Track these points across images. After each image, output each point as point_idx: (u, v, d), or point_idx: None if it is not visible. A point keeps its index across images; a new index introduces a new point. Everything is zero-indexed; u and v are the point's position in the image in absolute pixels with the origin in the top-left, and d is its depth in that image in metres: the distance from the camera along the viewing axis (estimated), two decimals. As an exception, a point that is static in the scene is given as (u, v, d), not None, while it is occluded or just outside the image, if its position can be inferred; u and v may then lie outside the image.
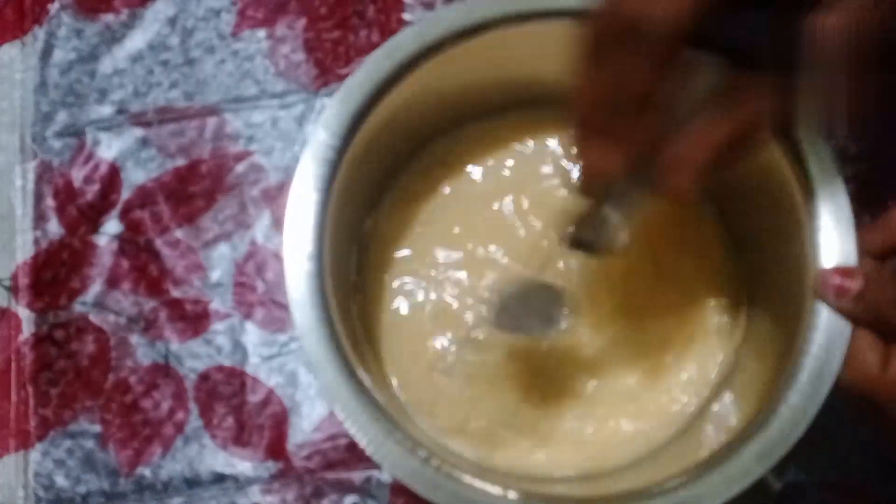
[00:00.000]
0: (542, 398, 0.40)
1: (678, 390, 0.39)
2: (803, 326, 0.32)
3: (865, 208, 0.33)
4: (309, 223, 0.34)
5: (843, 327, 0.31)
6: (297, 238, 0.34)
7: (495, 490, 0.31)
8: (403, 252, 0.42)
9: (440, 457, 0.32)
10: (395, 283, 0.41)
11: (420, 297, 0.41)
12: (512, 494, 0.31)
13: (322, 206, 0.34)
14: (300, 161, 0.35)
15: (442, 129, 0.42)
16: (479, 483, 0.31)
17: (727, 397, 0.37)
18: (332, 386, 0.32)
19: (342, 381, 0.32)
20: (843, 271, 0.32)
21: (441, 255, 0.41)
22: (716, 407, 0.38)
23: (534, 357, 0.40)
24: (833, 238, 0.32)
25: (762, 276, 0.39)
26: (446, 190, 0.42)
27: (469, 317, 0.40)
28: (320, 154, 0.35)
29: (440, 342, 0.40)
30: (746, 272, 0.40)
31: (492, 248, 0.41)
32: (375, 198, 0.42)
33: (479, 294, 0.40)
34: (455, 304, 0.41)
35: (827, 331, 0.31)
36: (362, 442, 0.32)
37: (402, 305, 0.41)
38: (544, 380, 0.40)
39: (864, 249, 0.32)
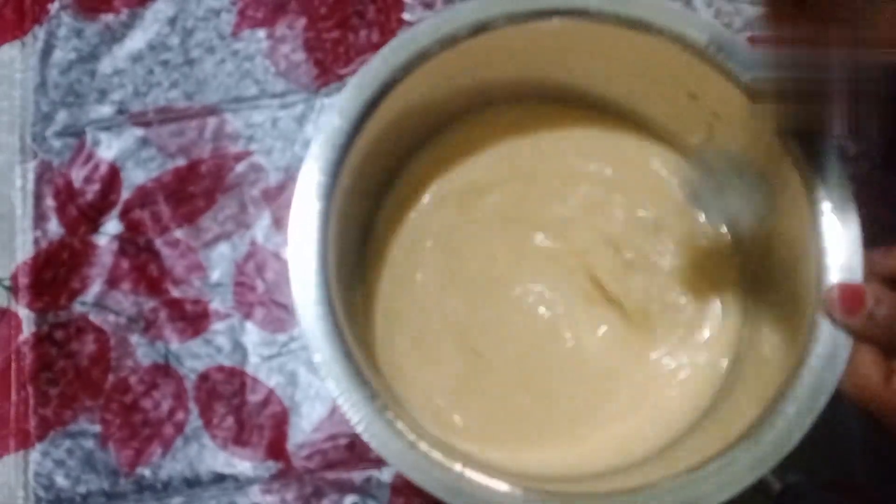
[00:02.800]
0: (538, 398, 0.40)
1: (677, 394, 0.39)
2: (805, 338, 0.32)
3: (865, 209, 0.33)
4: (315, 207, 0.34)
5: (845, 341, 0.31)
6: (302, 220, 0.34)
7: (484, 479, 0.32)
8: (407, 242, 0.42)
9: (429, 442, 0.32)
10: (398, 272, 0.41)
11: (420, 287, 0.41)
12: (503, 487, 0.32)
13: (329, 190, 0.35)
14: (311, 145, 0.35)
15: (452, 118, 0.42)
16: (468, 472, 0.32)
17: (726, 405, 0.37)
18: (328, 362, 0.33)
19: (338, 358, 0.33)
20: (853, 289, 0.32)
21: (444, 246, 0.41)
22: (714, 414, 0.38)
23: (532, 357, 0.40)
24: (840, 252, 0.32)
25: (765, 284, 0.39)
26: (453, 179, 0.42)
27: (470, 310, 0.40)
28: (332, 139, 0.35)
29: (440, 333, 0.40)
30: (750, 280, 0.40)
31: (498, 236, 0.41)
32: (383, 188, 0.42)
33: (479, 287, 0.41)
34: (456, 299, 0.41)
35: (828, 343, 0.32)
36: (353, 419, 0.32)
37: (400, 297, 0.41)
38: (541, 380, 0.40)
39: (872, 271, 0.32)
